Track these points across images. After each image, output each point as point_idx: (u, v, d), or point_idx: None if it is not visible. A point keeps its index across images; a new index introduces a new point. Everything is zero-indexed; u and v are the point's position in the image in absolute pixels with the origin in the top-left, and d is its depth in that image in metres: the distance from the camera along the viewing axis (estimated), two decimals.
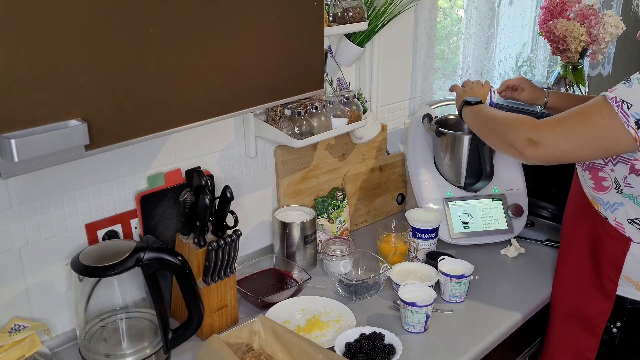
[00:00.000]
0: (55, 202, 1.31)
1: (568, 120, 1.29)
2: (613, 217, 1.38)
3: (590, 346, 1.46)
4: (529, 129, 1.33)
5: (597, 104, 1.26)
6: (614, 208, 1.37)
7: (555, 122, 1.31)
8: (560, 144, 1.29)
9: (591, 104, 1.28)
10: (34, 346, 1.21)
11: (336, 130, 1.61)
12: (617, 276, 1.39)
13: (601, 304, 1.43)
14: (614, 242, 1.39)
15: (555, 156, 1.31)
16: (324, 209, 1.76)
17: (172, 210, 1.48)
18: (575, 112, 1.30)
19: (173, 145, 1.48)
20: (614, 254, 1.39)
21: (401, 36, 1.99)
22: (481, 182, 1.82)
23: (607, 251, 1.40)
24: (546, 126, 1.31)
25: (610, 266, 1.40)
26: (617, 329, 1.42)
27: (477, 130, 1.58)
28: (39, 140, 0.87)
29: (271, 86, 1.22)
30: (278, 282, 1.61)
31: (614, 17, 2.04)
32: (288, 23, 1.20)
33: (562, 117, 1.31)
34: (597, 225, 1.42)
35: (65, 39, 0.88)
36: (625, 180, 1.33)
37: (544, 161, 1.33)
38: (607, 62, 3.10)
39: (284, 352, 1.26)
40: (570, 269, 1.52)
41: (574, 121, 1.28)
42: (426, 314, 1.40)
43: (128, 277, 1.27)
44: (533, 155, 1.32)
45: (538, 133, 1.31)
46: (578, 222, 1.50)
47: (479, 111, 1.58)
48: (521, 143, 1.34)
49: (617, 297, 1.40)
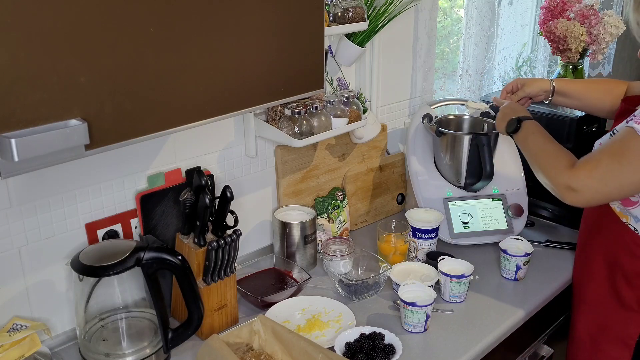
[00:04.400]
0: (55, 201, 1.31)
1: (603, 161, 1.25)
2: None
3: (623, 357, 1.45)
4: (566, 176, 1.28)
5: (627, 139, 1.23)
6: None
7: (592, 166, 1.26)
8: (600, 188, 1.25)
9: (621, 139, 1.24)
10: (34, 346, 1.21)
11: (336, 130, 1.61)
12: None
13: (635, 317, 1.41)
14: None
15: (597, 200, 1.29)
16: (324, 209, 1.76)
17: (172, 210, 1.48)
18: (607, 151, 1.26)
19: (173, 145, 1.48)
20: None
21: (401, 36, 1.99)
22: (481, 182, 1.82)
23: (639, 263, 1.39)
24: (582, 171, 1.26)
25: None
26: None
27: (527, 158, 1.47)
28: (39, 140, 0.87)
29: (271, 86, 1.22)
30: (278, 282, 1.61)
31: (614, 17, 2.04)
32: (288, 23, 1.20)
33: (596, 158, 1.27)
34: (627, 237, 1.40)
35: (65, 39, 0.88)
36: None
37: (586, 205, 1.29)
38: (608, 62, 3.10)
39: (284, 351, 1.26)
40: (595, 283, 1.50)
41: (609, 161, 1.24)
42: (426, 314, 1.40)
43: (128, 277, 1.27)
44: (574, 202, 1.29)
45: (575, 180, 1.27)
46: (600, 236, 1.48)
47: (525, 139, 1.47)
48: (560, 190, 1.30)
49: None
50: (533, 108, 1.96)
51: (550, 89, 1.69)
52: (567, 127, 1.92)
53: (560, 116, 1.94)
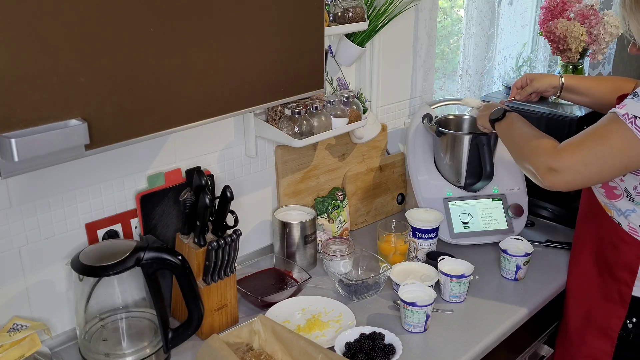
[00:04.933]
0: (55, 201, 1.31)
1: (585, 143, 1.25)
2: (627, 222, 1.38)
3: (606, 349, 1.47)
4: (549, 156, 1.29)
5: (609, 122, 1.24)
6: (627, 214, 1.37)
7: (574, 147, 1.27)
8: (582, 169, 1.25)
9: (604, 123, 1.25)
10: (34, 345, 1.21)
11: (336, 130, 1.61)
12: (632, 280, 1.40)
13: (616, 309, 1.43)
14: (628, 248, 1.39)
15: (577, 182, 1.28)
16: (324, 209, 1.76)
17: (172, 209, 1.48)
18: (590, 134, 1.26)
19: (173, 145, 1.48)
20: (629, 258, 1.39)
21: (401, 36, 1.99)
22: (481, 182, 1.82)
23: (622, 256, 1.40)
24: (565, 152, 1.27)
25: (625, 271, 1.40)
26: (632, 324, 1.43)
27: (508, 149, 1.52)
28: (39, 140, 0.87)
29: (271, 86, 1.22)
30: (278, 281, 1.61)
31: (614, 17, 2.04)
32: (288, 23, 1.20)
33: (578, 140, 1.27)
34: (611, 231, 1.41)
35: (65, 39, 0.88)
36: (636, 190, 1.33)
37: (565, 188, 1.29)
38: (608, 62, 3.10)
39: (284, 351, 1.26)
40: (584, 275, 1.52)
41: (591, 144, 1.24)
42: (426, 314, 1.40)
43: (128, 277, 1.27)
44: (554, 183, 1.29)
45: (557, 161, 1.27)
46: (590, 228, 1.50)
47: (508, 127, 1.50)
48: (541, 172, 1.30)
49: (633, 298, 1.41)
50: (533, 108, 1.97)
51: (559, 85, 1.68)
52: (567, 127, 1.91)
53: (560, 116, 1.94)
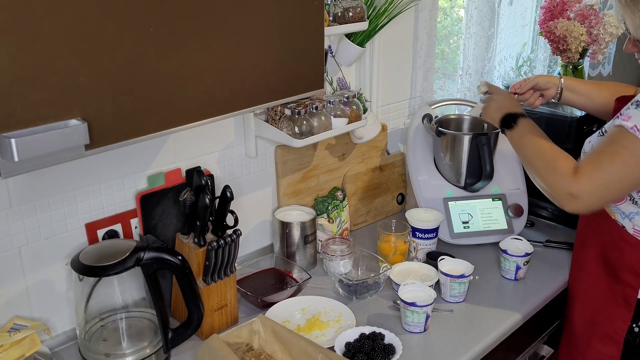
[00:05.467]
0: (55, 201, 1.31)
1: (603, 165, 1.23)
2: (631, 225, 1.37)
3: (612, 354, 1.46)
4: (567, 182, 1.26)
5: (620, 138, 1.22)
6: (631, 217, 1.37)
7: (592, 170, 1.24)
8: (602, 193, 1.24)
9: (615, 139, 1.24)
10: (33, 345, 1.21)
11: (336, 130, 1.61)
12: (637, 283, 1.39)
13: (622, 312, 1.42)
14: (633, 250, 1.38)
15: (598, 205, 1.28)
16: (324, 209, 1.76)
17: (172, 209, 1.48)
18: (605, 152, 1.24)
19: (173, 145, 1.48)
20: (634, 261, 1.38)
21: (401, 36, 1.99)
22: (481, 182, 1.82)
23: (627, 259, 1.39)
24: (584, 177, 1.24)
25: (630, 274, 1.39)
26: (638, 328, 1.42)
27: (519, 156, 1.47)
28: (39, 140, 0.87)
29: (271, 86, 1.22)
30: (278, 281, 1.61)
31: (614, 17, 2.04)
32: (288, 23, 1.20)
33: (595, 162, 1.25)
34: (615, 233, 1.41)
35: (65, 39, 0.88)
36: (639, 194, 1.33)
37: (588, 212, 1.28)
38: (608, 62, 3.10)
39: (284, 351, 1.26)
40: (587, 278, 1.51)
41: (608, 164, 1.22)
42: (426, 314, 1.40)
43: (128, 277, 1.27)
44: (574, 208, 1.27)
45: (577, 186, 1.24)
46: (592, 230, 1.49)
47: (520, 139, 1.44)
48: (561, 197, 1.28)
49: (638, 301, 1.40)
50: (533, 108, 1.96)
51: (559, 83, 1.67)
52: (567, 127, 1.91)
53: (560, 116, 1.94)
